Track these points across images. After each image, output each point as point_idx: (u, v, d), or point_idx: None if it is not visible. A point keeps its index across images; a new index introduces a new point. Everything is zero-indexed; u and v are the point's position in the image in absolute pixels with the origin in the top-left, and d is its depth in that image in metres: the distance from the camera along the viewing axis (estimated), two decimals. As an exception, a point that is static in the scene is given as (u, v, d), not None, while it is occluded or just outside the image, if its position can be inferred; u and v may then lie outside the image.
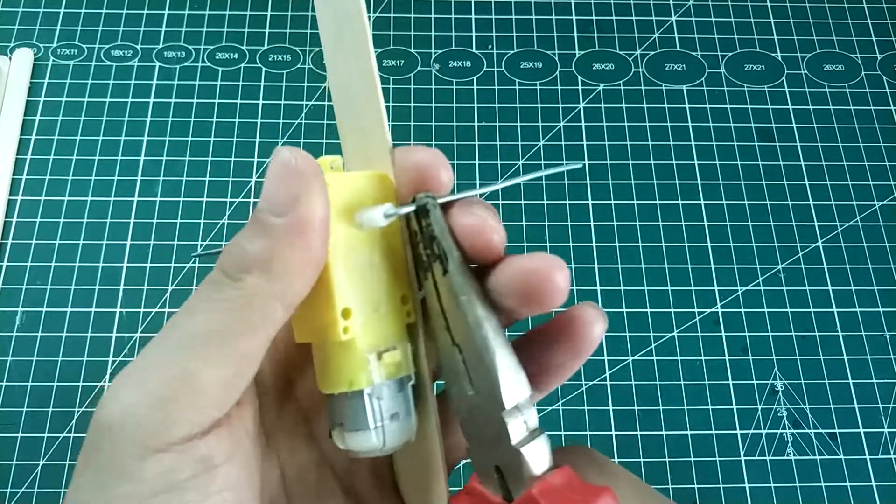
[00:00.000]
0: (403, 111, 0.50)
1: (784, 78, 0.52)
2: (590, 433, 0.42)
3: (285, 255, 0.18)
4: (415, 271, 0.22)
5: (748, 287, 0.46)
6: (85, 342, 0.43)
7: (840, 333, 0.45)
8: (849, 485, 0.41)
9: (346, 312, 0.20)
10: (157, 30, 0.52)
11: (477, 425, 0.20)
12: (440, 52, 0.52)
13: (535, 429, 0.20)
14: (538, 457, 0.19)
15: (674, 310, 0.45)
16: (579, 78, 0.52)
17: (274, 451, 0.22)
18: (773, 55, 0.53)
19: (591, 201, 0.48)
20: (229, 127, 0.49)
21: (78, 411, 0.42)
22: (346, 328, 0.20)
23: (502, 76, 0.52)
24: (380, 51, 0.52)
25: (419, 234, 0.21)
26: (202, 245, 0.46)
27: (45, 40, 0.52)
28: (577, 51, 0.53)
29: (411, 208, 0.21)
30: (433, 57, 0.52)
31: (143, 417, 0.18)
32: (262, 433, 0.22)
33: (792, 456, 0.42)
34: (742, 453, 0.42)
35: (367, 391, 0.20)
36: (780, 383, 0.43)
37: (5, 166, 0.47)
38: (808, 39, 0.54)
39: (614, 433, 0.42)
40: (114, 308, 0.44)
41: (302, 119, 0.50)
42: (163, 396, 0.18)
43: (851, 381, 0.43)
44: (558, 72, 0.52)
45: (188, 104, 0.50)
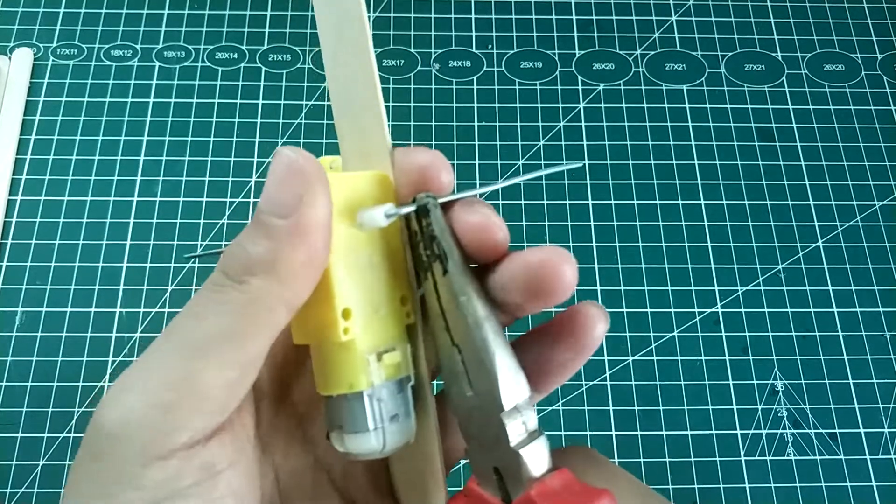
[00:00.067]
0: (403, 111, 0.50)
1: (784, 78, 0.52)
2: (590, 433, 0.42)
3: (289, 257, 0.18)
4: (414, 272, 0.22)
5: (748, 287, 0.46)
6: (85, 342, 0.43)
7: (840, 333, 0.45)
8: (849, 485, 0.41)
9: (347, 313, 0.20)
10: (157, 30, 0.52)
11: (476, 426, 0.20)
12: (440, 51, 0.52)
13: (535, 430, 0.20)
14: (537, 459, 0.19)
15: (674, 310, 0.45)
16: (579, 78, 0.52)
17: (269, 456, 0.22)
18: (774, 55, 0.53)
19: (591, 201, 0.48)
20: (229, 127, 0.49)
21: (78, 411, 0.42)
22: (347, 329, 0.19)
23: (502, 76, 0.52)
24: (380, 51, 0.52)
25: (419, 234, 0.21)
26: (202, 245, 0.46)
27: (45, 40, 0.52)
28: (578, 50, 0.53)
29: (412, 208, 0.21)
30: (433, 57, 0.52)
31: (146, 423, 0.17)
32: (258, 438, 0.21)
33: (792, 456, 0.42)
34: (742, 453, 0.42)
35: (366, 392, 0.20)
36: (781, 383, 0.43)
37: (5, 166, 0.47)
38: (809, 39, 0.54)
39: (614, 433, 0.42)
40: (113, 308, 0.44)
41: (302, 119, 0.50)
42: (166, 401, 0.17)
43: (852, 382, 0.43)
44: (558, 72, 0.52)
45: (188, 104, 0.50)
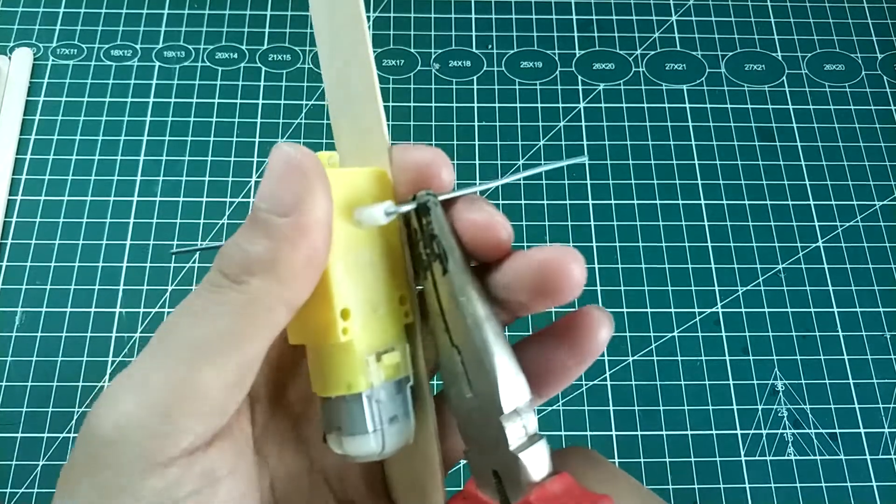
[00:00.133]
0: (403, 111, 0.50)
1: (784, 78, 0.52)
2: (590, 433, 0.42)
3: (289, 257, 0.17)
4: (412, 270, 0.21)
5: (748, 287, 0.46)
6: (84, 342, 0.43)
7: (840, 333, 0.45)
8: (849, 485, 0.41)
9: (345, 313, 0.19)
10: (157, 29, 0.52)
11: (475, 428, 0.20)
12: (440, 51, 0.52)
13: (535, 434, 0.20)
14: (537, 463, 0.19)
15: (674, 310, 0.45)
16: (579, 77, 0.52)
17: (264, 459, 0.21)
18: (774, 55, 0.53)
19: (591, 201, 0.48)
20: (229, 127, 0.49)
21: (78, 411, 0.42)
22: (346, 329, 0.19)
23: (502, 76, 0.52)
24: (380, 50, 0.52)
25: (419, 232, 0.20)
26: (200, 245, 0.46)
27: (45, 40, 0.52)
28: (578, 50, 0.53)
29: (412, 206, 0.20)
30: (433, 57, 0.52)
31: (144, 429, 0.17)
32: (254, 441, 0.21)
33: (792, 456, 0.42)
34: (742, 453, 0.42)
35: (365, 394, 0.19)
36: (781, 383, 0.43)
37: (5, 166, 0.47)
38: (809, 39, 0.54)
39: (615, 433, 0.42)
40: (113, 308, 0.44)
41: (302, 119, 0.50)
42: (165, 406, 0.17)
43: (852, 382, 0.43)
44: (558, 71, 0.52)
45: (188, 104, 0.50)
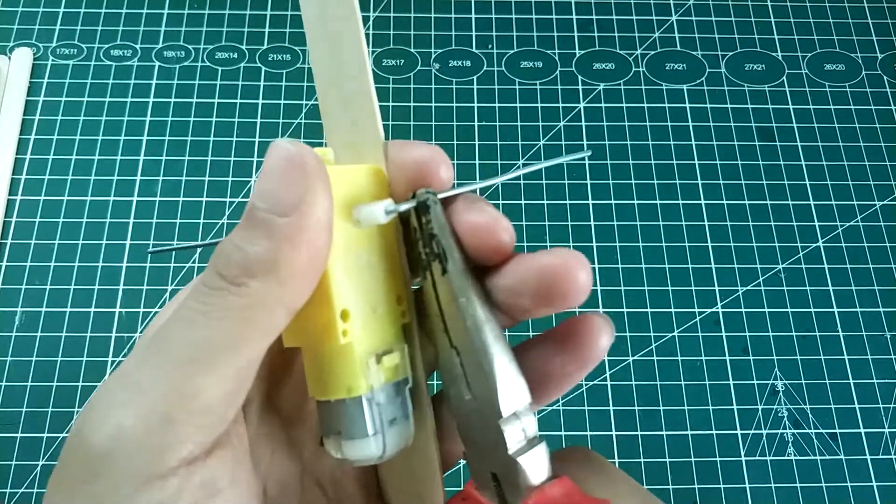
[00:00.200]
0: (403, 111, 0.50)
1: (785, 77, 0.52)
2: (590, 433, 0.42)
3: (291, 258, 0.17)
4: (408, 270, 0.21)
5: (749, 287, 0.46)
6: (84, 342, 0.43)
7: (841, 333, 0.45)
8: (849, 485, 0.41)
9: (345, 314, 0.19)
10: (157, 29, 0.52)
11: (474, 431, 0.19)
12: (440, 51, 0.52)
13: (535, 437, 0.19)
14: (536, 467, 0.19)
15: (674, 310, 0.45)
16: (579, 77, 0.52)
17: (257, 465, 0.21)
18: (774, 55, 0.53)
19: (591, 201, 0.48)
20: (229, 126, 0.49)
21: (77, 411, 0.42)
22: (346, 331, 0.19)
23: (502, 76, 0.52)
24: (380, 50, 0.52)
25: (418, 231, 0.20)
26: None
27: (45, 40, 0.52)
28: (578, 50, 0.53)
29: (412, 204, 0.20)
30: (433, 56, 0.52)
31: (142, 439, 0.16)
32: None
33: (792, 456, 0.42)
34: (743, 453, 0.42)
35: (366, 396, 0.19)
36: (781, 383, 0.43)
37: (5, 166, 0.47)
38: (809, 39, 0.54)
39: (615, 433, 0.42)
40: (113, 308, 0.44)
41: (301, 118, 0.50)
42: (163, 415, 0.16)
43: (852, 381, 0.43)
44: (558, 71, 0.52)
45: (188, 104, 0.50)
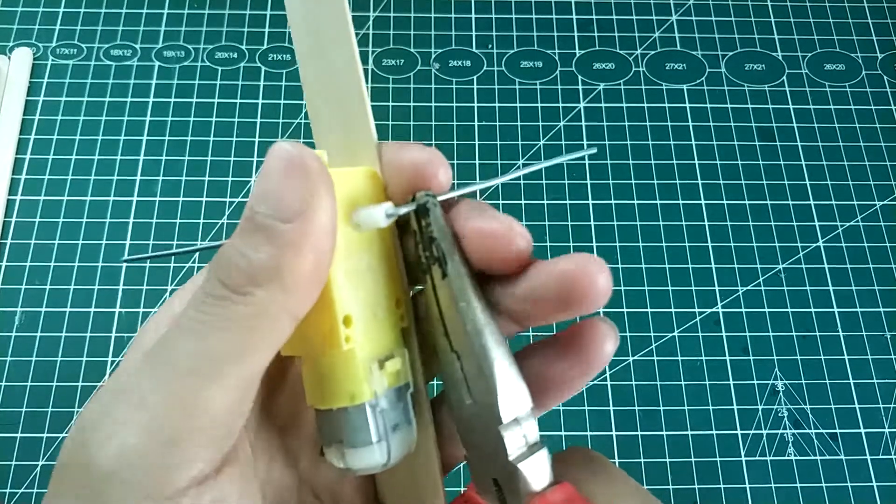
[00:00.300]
0: (403, 111, 0.50)
1: (785, 77, 0.52)
2: (590, 433, 0.42)
3: (295, 265, 0.16)
4: (406, 273, 0.21)
5: (749, 287, 0.46)
6: (84, 342, 0.43)
7: (841, 333, 0.44)
8: (849, 485, 0.41)
9: (347, 320, 0.18)
10: (157, 29, 0.52)
11: (475, 436, 0.19)
12: (440, 51, 0.52)
13: (536, 442, 0.19)
14: (536, 473, 0.19)
15: (674, 310, 0.45)
16: (579, 77, 0.52)
17: (256, 479, 0.20)
18: (774, 54, 0.53)
19: (591, 201, 0.48)
20: (228, 126, 0.49)
21: (77, 411, 0.42)
22: (348, 337, 0.18)
23: (502, 75, 0.52)
24: (380, 50, 0.52)
25: (418, 234, 0.20)
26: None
27: (45, 40, 0.52)
28: (578, 50, 0.53)
29: (412, 207, 0.19)
30: (433, 56, 0.52)
31: (149, 459, 0.15)
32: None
33: (793, 456, 0.42)
34: (743, 454, 0.42)
35: (369, 403, 0.19)
36: (781, 383, 0.43)
37: (4, 166, 0.47)
38: (809, 39, 0.54)
39: (615, 433, 0.42)
40: (113, 308, 0.44)
41: (301, 118, 0.50)
42: (170, 432, 0.16)
43: (852, 382, 0.43)
44: (558, 71, 0.52)
45: (187, 104, 0.50)
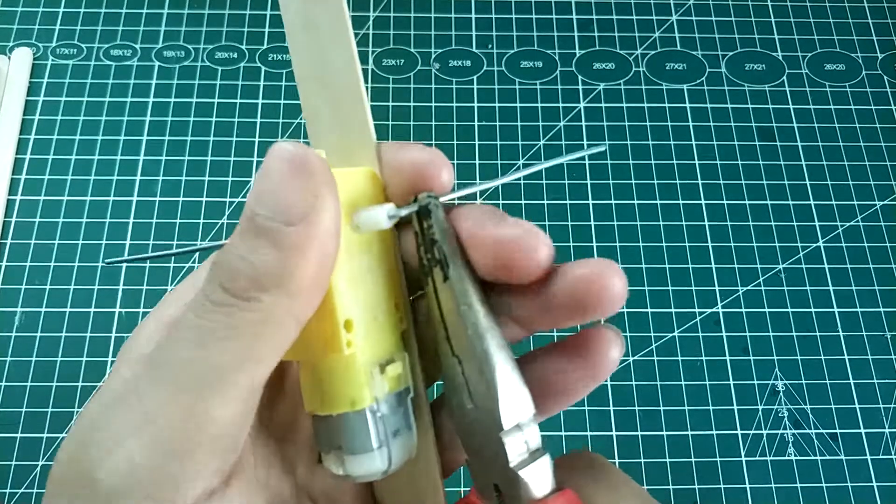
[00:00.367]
0: (403, 111, 0.50)
1: (785, 77, 0.52)
2: (590, 433, 0.42)
3: (301, 269, 0.16)
4: (404, 275, 0.21)
5: (749, 287, 0.46)
6: (84, 342, 0.43)
7: (841, 333, 0.44)
8: (850, 485, 0.41)
9: (348, 324, 0.18)
10: (157, 29, 0.52)
11: (476, 441, 0.19)
12: (440, 51, 0.52)
13: (537, 449, 0.19)
14: (538, 480, 0.18)
15: (674, 310, 0.45)
16: (580, 77, 0.52)
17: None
18: (774, 54, 0.53)
19: (591, 201, 0.48)
20: (228, 126, 0.49)
21: (77, 412, 0.42)
22: (349, 342, 0.18)
23: (502, 75, 0.52)
24: (380, 50, 0.52)
25: (419, 236, 0.19)
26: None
27: (45, 40, 0.52)
28: (578, 50, 0.53)
29: (414, 208, 0.19)
30: (433, 56, 0.52)
31: (156, 476, 0.15)
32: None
33: (793, 456, 0.42)
34: (743, 454, 0.42)
35: (370, 408, 0.18)
36: (781, 383, 0.43)
37: (4, 166, 0.47)
38: (809, 39, 0.54)
39: (615, 434, 0.42)
40: (113, 308, 0.44)
41: (302, 119, 0.50)
42: (177, 446, 0.15)
43: (852, 382, 0.43)
44: (558, 71, 0.52)
45: (187, 104, 0.50)
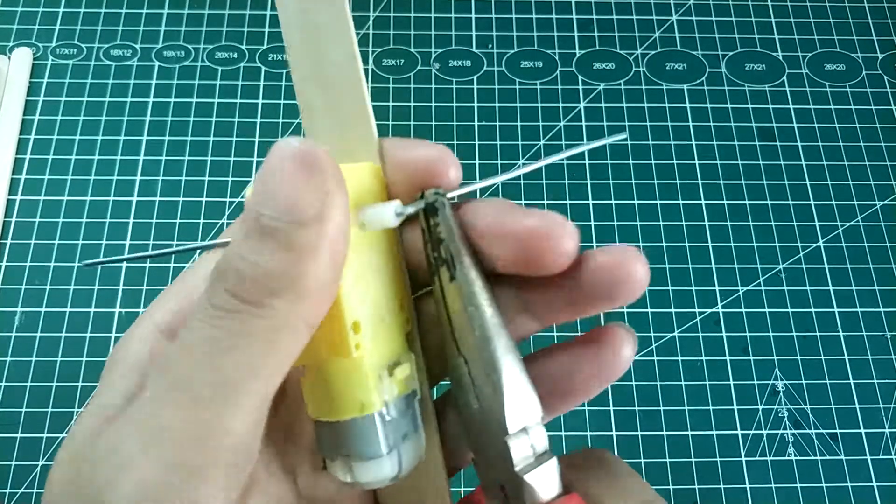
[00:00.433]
0: (403, 111, 0.50)
1: (785, 77, 0.52)
2: (590, 434, 0.42)
3: (313, 272, 0.15)
4: (408, 275, 0.20)
5: (749, 287, 0.46)
6: (84, 342, 0.43)
7: (841, 333, 0.44)
8: (850, 485, 0.41)
9: (356, 326, 0.17)
10: (157, 29, 0.52)
11: (482, 442, 0.18)
12: (440, 51, 0.52)
13: (544, 452, 0.18)
14: (544, 484, 0.18)
15: (674, 310, 0.45)
16: (580, 77, 0.52)
17: None
18: (774, 54, 0.53)
19: (591, 201, 0.48)
20: (228, 126, 0.49)
21: (77, 412, 0.42)
22: (358, 344, 0.17)
23: (502, 75, 0.52)
24: (380, 50, 0.52)
25: (426, 234, 0.19)
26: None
27: (45, 40, 0.52)
28: (578, 50, 0.53)
29: (421, 206, 0.19)
30: (433, 56, 0.52)
31: (171, 492, 0.14)
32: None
33: (793, 456, 0.42)
34: (743, 454, 0.42)
35: (378, 413, 0.18)
36: (781, 383, 0.43)
37: (4, 166, 0.47)
38: (809, 39, 0.54)
39: (615, 434, 0.42)
40: (113, 308, 0.44)
41: (301, 118, 0.50)
42: (193, 465, 0.15)
43: (852, 382, 0.43)
44: (559, 71, 0.52)
45: (187, 104, 0.50)
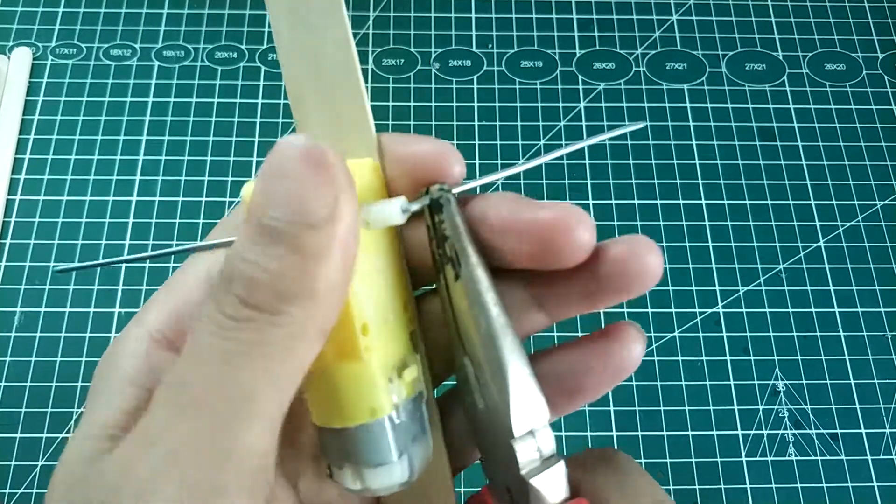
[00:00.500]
0: (403, 110, 0.50)
1: (785, 77, 0.52)
2: (591, 434, 0.42)
3: (328, 275, 0.15)
4: (409, 274, 0.20)
5: (749, 287, 0.45)
6: (84, 342, 0.43)
7: (841, 333, 0.44)
8: (850, 485, 0.41)
9: (365, 328, 0.17)
10: (156, 29, 0.52)
11: (488, 443, 0.18)
12: (440, 51, 0.52)
13: (551, 455, 0.18)
14: (550, 488, 0.17)
15: (675, 310, 0.45)
16: (580, 77, 0.52)
17: None
18: (775, 54, 0.53)
19: (591, 201, 0.48)
20: (228, 126, 0.49)
21: (77, 412, 0.42)
22: (367, 347, 0.17)
23: (502, 75, 0.52)
24: (380, 50, 0.52)
25: (431, 231, 0.18)
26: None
27: (44, 39, 0.52)
28: (578, 50, 0.53)
29: (426, 202, 0.18)
30: (433, 56, 0.52)
31: None
32: None
33: (793, 456, 0.42)
34: (743, 454, 0.41)
35: (388, 417, 0.17)
36: (782, 384, 0.43)
37: (4, 166, 0.47)
38: (810, 38, 0.53)
39: (615, 434, 0.42)
40: (112, 308, 0.44)
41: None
42: (213, 486, 0.14)
43: (853, 382, 0.43)
44: (559, 71, 0.52)
45: (187, 103, 0.50)
